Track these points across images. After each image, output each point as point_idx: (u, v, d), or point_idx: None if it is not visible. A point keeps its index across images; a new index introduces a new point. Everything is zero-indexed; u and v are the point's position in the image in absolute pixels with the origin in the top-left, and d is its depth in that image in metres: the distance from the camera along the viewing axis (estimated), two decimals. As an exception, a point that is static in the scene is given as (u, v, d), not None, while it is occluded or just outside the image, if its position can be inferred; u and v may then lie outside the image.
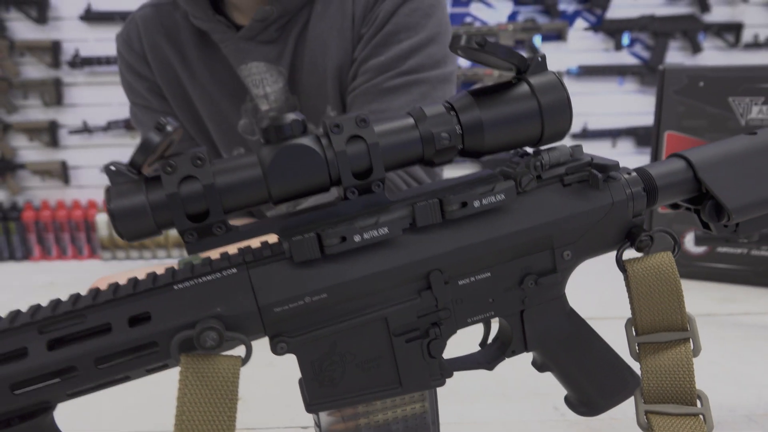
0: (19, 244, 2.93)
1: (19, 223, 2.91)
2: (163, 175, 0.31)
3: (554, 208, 0.37)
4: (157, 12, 0.89)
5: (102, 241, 2.91)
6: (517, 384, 0.48)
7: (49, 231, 2.93)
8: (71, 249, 2.95)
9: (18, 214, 2.91)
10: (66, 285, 0.91)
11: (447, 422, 0.42)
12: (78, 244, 2.95)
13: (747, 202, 0.41)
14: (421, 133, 0.34)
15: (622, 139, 2.99)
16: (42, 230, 2.93)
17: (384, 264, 0.35)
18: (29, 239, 2.93)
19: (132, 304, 0.32)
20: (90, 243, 2.96)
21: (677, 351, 0.39)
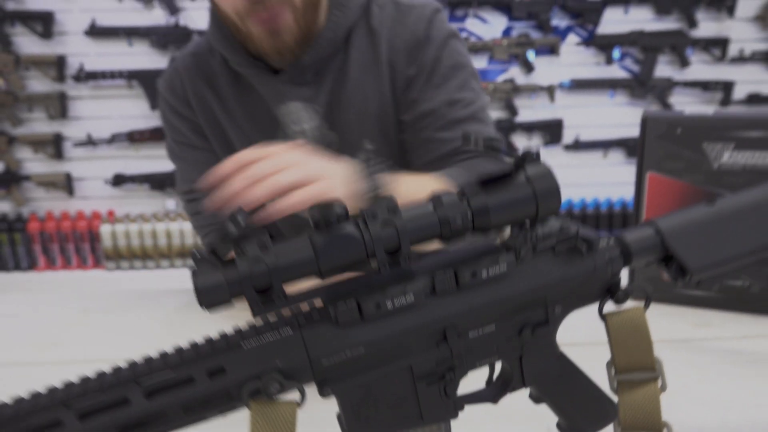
0: (24, 254, 2.99)
1: (24, 234, 2.97)
2: (237, 260, 0.39)
3: (547, 273, 0.45)
4: (196, 60, 0.97)
5: (106, 251, 2.98)
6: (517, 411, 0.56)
7: (53, 241, 2.99)
8: (75, 259, 3.01)
9: (23, 225, 2.97)
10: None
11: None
12: (82, 254, 3.01)
13: (705, 263, 0.49)
14: (439, 218, 0.42)
15: (613, 149, 3.08)
16: (47, 241, 2.99)
17: (409, 323, 0.43)
18: (34, 250, 2.99)
19: (210, 360, 0.40)
20: (94, 253, 3.02)
21: (648, 388, 0.47)
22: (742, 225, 0.50)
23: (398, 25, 0.94)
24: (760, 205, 0.51)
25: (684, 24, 2.97)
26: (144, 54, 2.89)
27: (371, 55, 0.93)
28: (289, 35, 0.86)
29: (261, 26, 0.85)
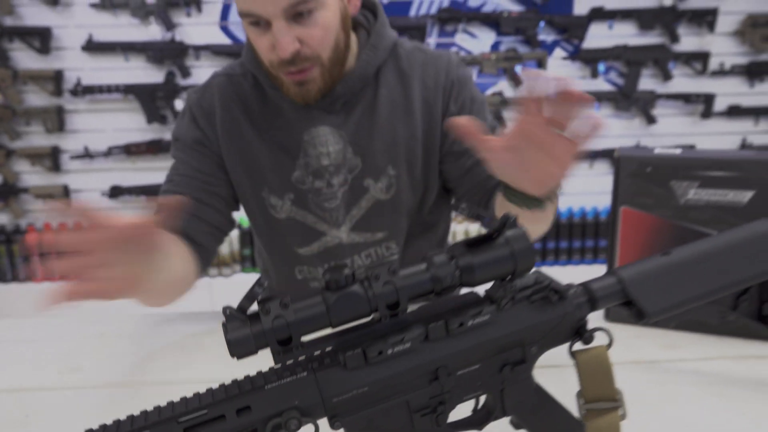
0: (22, 266, 3.04)
1: (22, 246, 3.02)
2: (262, 316, 0.46)
3: (524, 319, 0.53)
4: (230, 81, 1.06)
5: (104, 262, 3.04)
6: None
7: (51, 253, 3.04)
8: (74, 269, 3.07)
9: (21, 237, 3.02)
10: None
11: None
12: (80, 265, 3.06)
13: (660, 308, 0.56)
14: (431, 276, 0.49)
15: (599, 160, 3.17)
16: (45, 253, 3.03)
17: (406, 365, 0.50)
18: (32, 261, 3.04)
19: (238, 400, 0.47)
20: (92, 264, 3.08)
21: (610, 416, 0.54)
22: (692, 274, 0.58)
23: (430, 68, 1.06)
24: (709, 255, 0.59)
25: (666, 39, 3.06)
26: (140, 69, 2.95)
27: (401, 92, 1.04)
28: (314, 87, 0.96)
29: (290, 78, 0.94)
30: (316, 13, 0.90)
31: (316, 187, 1.05)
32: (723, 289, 0.59)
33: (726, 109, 3.14)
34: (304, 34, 0.90)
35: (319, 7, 0.90)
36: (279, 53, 0.90)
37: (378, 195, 1.07)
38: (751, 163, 0.88)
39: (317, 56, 0.93)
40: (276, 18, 0.88)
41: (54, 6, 2.85)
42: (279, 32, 0.88)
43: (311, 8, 0.89)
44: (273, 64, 0.94)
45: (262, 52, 0.94)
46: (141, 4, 2.85)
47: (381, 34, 1.04)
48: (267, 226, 1.11)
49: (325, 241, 1.09)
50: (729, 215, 0.89)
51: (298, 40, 0.90)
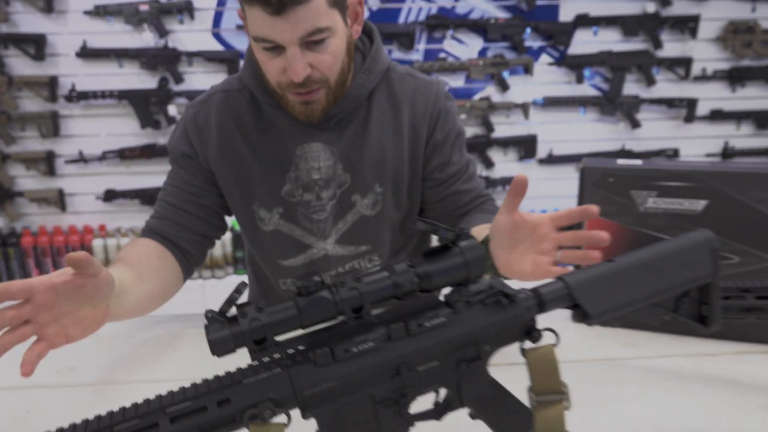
0: (17, 268, 3.08)
1: (17, 249, 3.05)
2: (240, 319, 0.52)
3: (477, 321, 0.59)
4: (227, 97, 1.11)
5: (98, 265, 3.08)
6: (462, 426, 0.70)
7: (47, 255, 3.08)
8: (68, 272, 3.11)
9: (17, 240, 3.05)
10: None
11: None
12: (75, 268, 3.11)
13: (602, 310, 0.62)
14: (392, 283, 0.55)
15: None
16: (40, 255, 3.07)
17: (370, 362, 0.56)
18: (28, 264, 3.07)
19: (219, 393, 0.53)
20: (86, 266, 3.12)
21: (556, 407, 0.60)
22: (633, 279, 0.64)
23: (420, 95, 1.12)
24: (649, 262, 0.65)
25: (650, 45, 3.13)
26: (134, 75, 3.00)
27: (392, 114, 1.10)
28: (319, 107, 1.01)
29: (297, 98, 0.99)
30: (328, 41, 0.94)
31: (306, 200, 1.11)
32: (661, 293, 0.65)
33: (708, 113, 3.22)
34: (315, 60, 0.95)
35: (330, 36, 0.94)
36: (292, 77, 0.94)
37: (364, 210, 1.13)
38: (705, 174, 0.94)
39: (326, 80, 0.98)
40: (291, 45, 0.92)
41: (48, 13, 2.90)
42: (293, 58, 0.92)
43: (324, 37, 0.93)
44: (281, 85, 0.98)
45: (272, 74, 0.98)
46: (134, 12, 2.90)
47: (376, 58, 1.09)
48: (255, 238, 1.16)
49: (311, 253, 1.15)
50: (685, 222, 0.95)
51: (309, 65, 0.95)
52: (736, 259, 0.95)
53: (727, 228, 0.94)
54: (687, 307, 0.69)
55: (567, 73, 3.17)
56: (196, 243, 1.10)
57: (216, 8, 2.98)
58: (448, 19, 3.03)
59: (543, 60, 3.14)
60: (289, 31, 0.90)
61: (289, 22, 0.89)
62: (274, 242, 1.15)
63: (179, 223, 1.08)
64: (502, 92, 3.15)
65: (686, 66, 3.16)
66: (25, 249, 3.05)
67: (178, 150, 1.11)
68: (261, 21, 0.90)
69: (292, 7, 0.87)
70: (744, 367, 0.90)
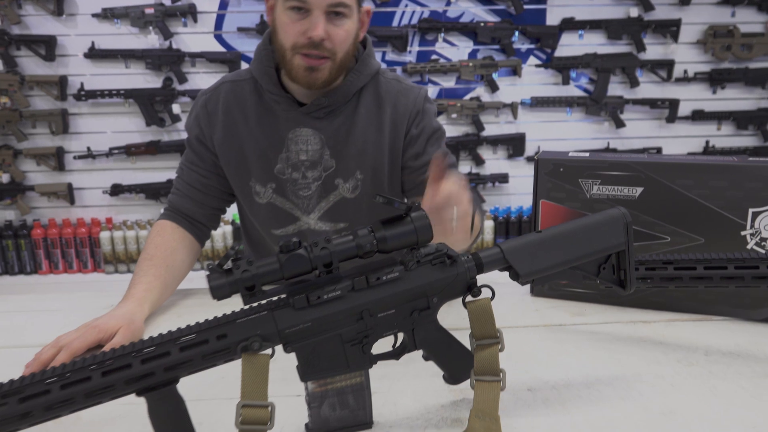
0: (28, 259, 3.22)
1: (28, 240, 3.20)
2: (234, 270, 0.66)
3: (426, 277, 0.73)
4: (234, 86, 1.27)
5: (105, 256, 3.22)
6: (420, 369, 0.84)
7: (56, 247, 3.22)
8: (76, 263, 3.25)
9: (27, 232, 3.20)
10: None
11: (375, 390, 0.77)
12: (83, 259, 3.25)
13: (530, 270, 0.76)
14: (356, 244, 0.69)
15: (571, 161, 3.37)
16: (50, 246, 3.22)
17: (338, 308, 0.70)
18: (38, 254, 3.21)
19: (218, 329, 0.67)
20: (93, 257, 3.26)
21: (492, 349, 0.74)
22: (558, 246, 0.78)
23: (401, 97, 1.28)
24: (572, 233, 0.79)
25: (633, 48, 3.26)
26: (140, 74, 3.15)
27: (376, 112, 1.26)
28: (321, 76, 1.16)
29: (305, 62, 1.14)
30: (346, 19, 1.13)
31: (294, 178, 1.27)
32: (581, 258, 0.79)
33: (690, 113, 3.35)
34: (332, 31, 1.12)
35: (349, 16, 1.14)
36: (311, 34, 1.10)
37: (345, 193, 1.28)
38: (640, 165, 1.08)
39: (334, 53, 1.15)
40: (318, 8, 1.10)
41: (59, 16, 3.05)
42: (317, 19, 1.10)
43: (345, 13, 1.12)
44: (297, 45, 1.13)
45: (292, 34, 1.13)
46: (140, 15, 3.05)
47: (366, 62, 1.26)
48: (252, 211, 1.33)
49: (298, 225, 1.31)
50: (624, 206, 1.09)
51: (327, 32, 1.12)
52: (668, 239, 1.08)
53: (659, 211, 1.08)
54: (608, 272, 0.83)
55: (554, 74, 3.30)
56: (211, 216, 1.31)
57: (218, 11, 3.13)
58: (439, 22, 3.17)
59: (531, 62, 3.28)
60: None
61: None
62: (267, 214, 1.31)
63: (196, 200, 1.27)
64: (492, 93, 3.29)
65: (668, 68, 3.29)
66: (35, 240, 3.19)
67: (193, 133, 1.28)
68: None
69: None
70: (671, 332, 1.03)
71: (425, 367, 0.81)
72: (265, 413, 0.65)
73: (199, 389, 0.69)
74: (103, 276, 3.24)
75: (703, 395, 0.83)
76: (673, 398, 0.82)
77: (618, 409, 0.80)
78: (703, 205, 1.05)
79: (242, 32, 3.13)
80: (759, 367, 0.91)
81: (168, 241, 1.21)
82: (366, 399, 0.74)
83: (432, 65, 3.20)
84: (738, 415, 0.78)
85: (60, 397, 0.63)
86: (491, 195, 3.41)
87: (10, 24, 3.04)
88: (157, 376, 0.66)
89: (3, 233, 3.18)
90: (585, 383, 0.87)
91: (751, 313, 1.07)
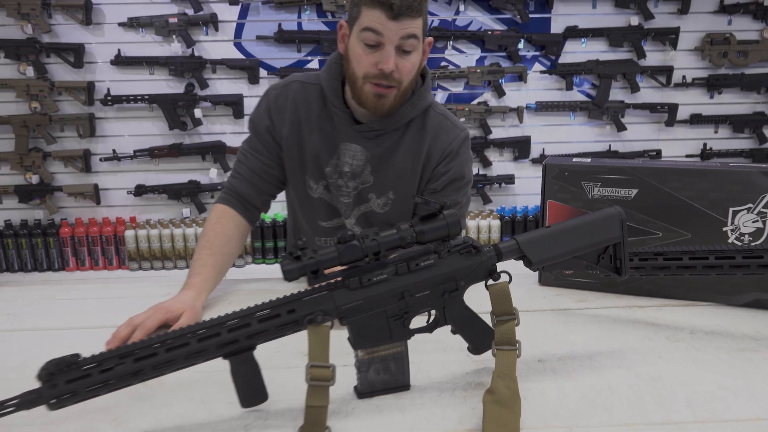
0: (56, 256, 3.38)
1: (56, 239, 3.36)
2: (302, 257, 0.81)
3: (455, 264, 0.88)
4: (303, 87, 1.41)
5: (129, 253, 3.38)
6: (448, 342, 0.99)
7: (83, 245, 3.38)
8: (102, 260, 3.41)
9: (56, 231, 3.36)
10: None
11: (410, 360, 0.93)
12: (108, 256, 3.41)
13: (541, 259, 0.92)
14: (399, 236, 0.84)
15: (574, 163, 3.52)
16: (77, 244, 3.38)
17: (384, 288, 0.85)
18: (65, 252, 3.37)
19: (288, 305, 0.83)
20: (118, 255, 3.42)
21: (509, 323, 0.89)
22: (564, 239, 0.94)
23: (442, 134, 1.40)
24: (575, 228, 0.95)
25: (634, 54, 3.41)
26: (163, 80, 3.31)
27: (418, 142, 1.40)
28: (387, 103, 1.30)
29: (374, 90, 1.27)
30: (413, 53, 1.26)
31: (338, 184, 1.42)
32: (583, 249, 0.95)
33: (688, 117, 3.50)
34: (401, 63, 1.25)
35: (415, 51, 1.26)
36: (383, 66, 1.23)
37: (375, 207, 1.44)
38: (635, 170, 1.23)
39: (401, 82, 1.27)
40: (390, 44, 1.22)
41: (87, 25, 3.21)
42: (389, 53, 1.22)
43: (411, 48, 1.24)
44: (368, 75, 1.26)
45: (364, 65, 1.25)
46: (164, 24, 3.21)
47: (422, 96, 1.38)
48: (306, 202, 1.47)
49: (341, 220, 1.47)
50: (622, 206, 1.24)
51: (396, 65, 1.24)
52: (660, 234, 1.23)
53: (652, 210, 1.23)
54: (606, 261, 0.99)
55: (558, 80, 3.45)
56: (266, 201, 1.46)
57: (237, 20, 3.29)
58: (449, 30, 3.33)
59: (536, 68, 3.43)
60: (395, 31, 1.20)
61: (398, 25, 1.20)
62: (318, 206, 1.46)
63: (257, 186, 1.42)
64: (498, 98, 3.44)
65: (667, 74, 3.44)
66: (63, 239, 3.35)
67: (263, 124, 1.41)
68: (377, 19, 1.20)
69: (405, 17, 1.20)
70: (662, 315, 1.18)
71: (452, 343, 0.96)
72: (328, 372, 0.81)
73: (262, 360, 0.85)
74: (127, 273, 3.40)
75: (685, 364, 0.98)
76: (659, 367, 0.98)
77: (614, 375, 0.95)
78: (690, 204, 1.20)
79: (260, 40, 3.29)
80: (735, 343, 1.06)
81: (226, 229, 1.36)
82: (405, 365, 0.90)
83: (441, 71, 3.35)
84: (713, 380, 0.93)
85: (165, 358, 0.79)
86: (498, 195, 3.57)
87: (41, 33, 3.20)
88: (240, 342, 0.81)
89: (32, 232, 3.34)
90: (586, 356, 1.02)
91: (733, 299, 1.22)
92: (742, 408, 0.86)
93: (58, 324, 1.24)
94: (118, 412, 0.87)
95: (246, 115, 3.34)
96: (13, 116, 3.25)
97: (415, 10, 1.20)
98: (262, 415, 0.86)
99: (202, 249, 1.31)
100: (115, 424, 0.84)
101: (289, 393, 0.88)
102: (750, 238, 1.18)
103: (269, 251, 3.41)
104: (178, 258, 3.38)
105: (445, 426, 0.82)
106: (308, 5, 3.26)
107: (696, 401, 0.87)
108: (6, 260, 3.35)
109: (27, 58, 3.19)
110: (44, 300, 1.38)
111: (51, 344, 1.11)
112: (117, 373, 0.78)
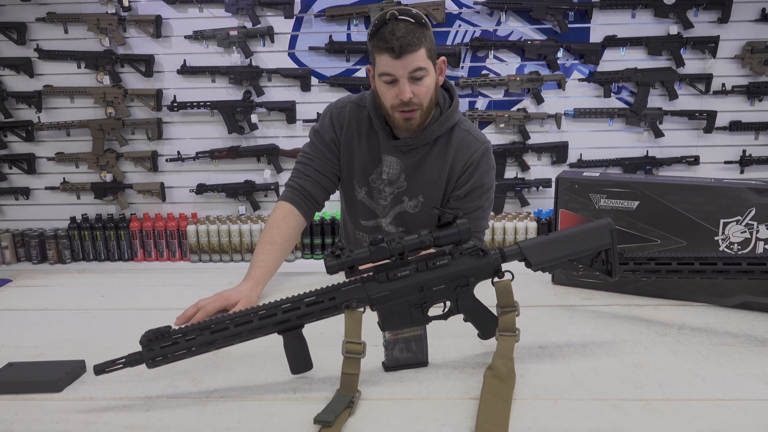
0: (126, 248, 3.71)
1: (127, 232, 3.69)
2: (342, 255, 1.02)
3: (466, 263, 1.07)
4: (356, 108, 1.67)
5: (191, 246, 3.68)
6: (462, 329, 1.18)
7: (149, 238, 3.70)
8: (166, 252, 3.72)
9: (126, 225, 3.69)
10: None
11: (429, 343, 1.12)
12: (171, 249, 3.72)
13: (540, 261, 1.10)
14: (420, 241, 1.04)
15: (611, 168, 3.62)
16: (144, 237, 3.70)
17: (407, 282, 1.05)
18: (134, 244, 3.70)
19: (329, 293, 1.03)
20: (181, 248, 3.73)
21: (511, 314, 1.07)
22: (561, 244, 1.12)
23: (464, 147, 1.63)
24: (571, 235, 1.12)
25: (672, 63, 3.48)
26: (223, 88, 3.59)
27: (444, 154, 1.63)
28: (415, 123, 1.54)
29: (401, 116, 1.53)
30: (425, 78, 1.48)
31: (379, 188, 1.67)
32: (578, 253, 1.12)
33: (728, 124, 3.54)
34: (416, 90, 1.49)
35: (426, 76, 1.49)
36: (401, 97, 1.47)
37: (407, 208, 1.68)
38: (637, 184, 1.39)
39: (421, 104, 1.51)
40: (403, 78, 1.46)
41: (157, 38, 3.52)
42: (404, 86, 1.47)
43: (422, 75, 1.47)
44: (393, 106, 1.51)
45: (388, 99, 1.51)
46: (225, 36, 3.49)
47: (450, 116, 1.62)
48: (351, 202, 1.74)
49: (377, 221, 1.73)
50: (625, 216, 1.41)
51: (412, 92, 1.48)
52: (658, 242, 1.39)
53: (651, 220, 1.39)
54: (599, 264, 1.16)
55: (596, 87, 3.55)
56: (325, 198, 1.71)
57: (292, 33, 3.54)
58: (490, 40, 3.49)
59: (574, 76, 3.54)
60: (402, 68, 1.45)
61: (403, 62, 1.44)
62: (360, 207, 1.73)
63: (322, 184, 1.67)
64: (537, 104, 3.57)
65: (706, 82, 3.48)
66: (132, 232, 3.68)
67: (328, 135, 1.67)
68: (386, 62, 1.45)
69: (406, 54, 1.43)
70: (657, 313, 1.34)
71: (466, 331, 1.16)
72: (359, 347, 1.02)
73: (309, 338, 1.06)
74: (188, 264, 3.70)
75: (666, 354, 1.15)
76: (643, 355, 1.14)
77: (602, 361, 1.13)
78: (686, 216, 1.36)
79: (313, 51, 3.53)
80: (717, 338, 1.22)
81: (289, 227, 1.60)
82: (424, 346, 1.10)
83: (482, 79, 3.51)
84: (688, 368, 1.09)
85: (234, 332, 1.02)
86: (535, 198, 3.70)
87: (117, 45, 3.53)
88: (292, 321, 1.03)
89: (106, 225, 3.69)
90: (581, 344, 1.20)
91: (724, 301, 1.37)
92: (706, 390, 1.02)
93: (141, 305, 1.50)
94: (195, 374, 1.11)
95: (298, 120, 3.59)
96: (91, 120, 3.60)
97: (414, 46, 1.43)
98: (308, 380, 1.07)
99: (264, 244, 1.55)
100: (194, 383, 1.08)
101: (329, 364, 1.10)
102: (738, 246, 1.33)
103: (317, 247, 3.65)
104: (234, 252, 3.66)
105: (453, 394, 1.02)
106: (357, 18, 3.48)
107: (667, 384, 1.04)
108: (83, 250, 3.70)
109: (104, 68, 3.53)
110: (129, 285, 1.64)
111: (136, 321, 1.36)
112: (198, 341, 1.01)
